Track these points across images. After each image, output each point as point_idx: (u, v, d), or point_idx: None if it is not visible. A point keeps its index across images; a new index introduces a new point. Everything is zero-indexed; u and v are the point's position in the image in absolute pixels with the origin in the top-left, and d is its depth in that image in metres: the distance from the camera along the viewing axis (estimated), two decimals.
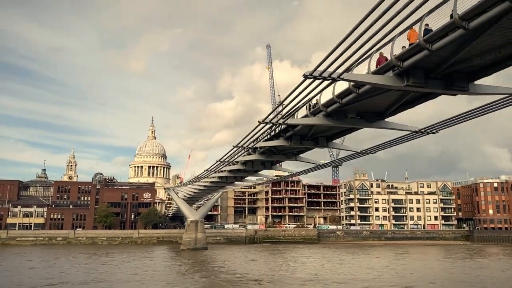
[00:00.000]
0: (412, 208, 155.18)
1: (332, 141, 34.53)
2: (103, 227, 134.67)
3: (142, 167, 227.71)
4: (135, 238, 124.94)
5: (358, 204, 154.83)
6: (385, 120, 26.38)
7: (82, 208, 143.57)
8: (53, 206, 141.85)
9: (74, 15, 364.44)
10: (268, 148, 37.71)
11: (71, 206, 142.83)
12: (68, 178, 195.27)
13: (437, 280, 51.31)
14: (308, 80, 20.28)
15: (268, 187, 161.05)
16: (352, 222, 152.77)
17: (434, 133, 27.29)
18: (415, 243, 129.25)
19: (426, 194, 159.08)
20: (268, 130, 33.12)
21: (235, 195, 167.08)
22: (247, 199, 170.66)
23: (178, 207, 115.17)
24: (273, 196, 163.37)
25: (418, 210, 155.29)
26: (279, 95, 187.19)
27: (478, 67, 18.33)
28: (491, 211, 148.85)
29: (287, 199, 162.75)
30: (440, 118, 25.30)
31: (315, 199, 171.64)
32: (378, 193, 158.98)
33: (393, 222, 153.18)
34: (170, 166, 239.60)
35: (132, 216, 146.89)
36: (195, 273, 57.06)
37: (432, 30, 15.40)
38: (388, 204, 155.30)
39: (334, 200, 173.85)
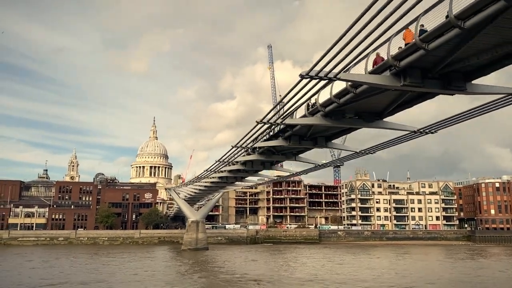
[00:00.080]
0: (414, 208, 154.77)
1: (331, 141, 34.42)
2: (105, 227, 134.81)
3: (143, 167, 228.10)
4: (136, 238, 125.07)
5: (360, 204, 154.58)
6: (383, 120, 26.32)
7: (84, 208, 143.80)
8: (54, 206, 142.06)
9: (75, 15, 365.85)
10: (267, 148, 37.65)
11: (72, 207, 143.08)
12: (70, 179, 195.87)
13: (436, 280, 51.22)
14: (305, 80, 20.25)
15: (269, 187, 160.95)
16: (354, 222, 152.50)
17: (432, 133, 27.23)
18: (416, 243, 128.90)
19: (427, 194, 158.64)
20: (268, 130, 33.05)
21: (236, 195, 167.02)
22: (248, 199, 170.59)
23: (179, 207, 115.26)
24: (274, 196, 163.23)
25: (420, 210, 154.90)
26: (280, 95, 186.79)
27: (475, 67, 18.26)
28: (492, 211, 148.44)
29: (288, 199, 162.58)
30: (442, 118, 25.10)
31: (316, 199, 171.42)
32: (380, 193, 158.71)
33: (394, 222, 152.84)
34: (172, 167, 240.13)
35: (134, 216, 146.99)
36: (194, 273, 57.07)
37: (427, 31, 15.36)
38: (389, 204, 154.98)
39: (335, 200, 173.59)
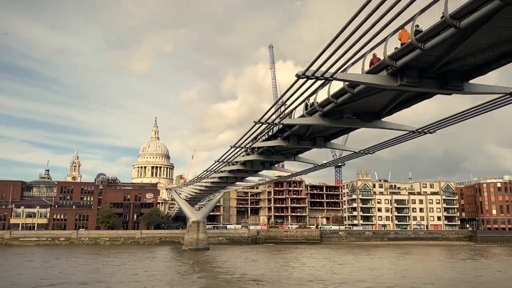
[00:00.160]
0: (415, 208, 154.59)
1: (330, 141, 34.36)
2: (106, 227, 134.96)
3: (145, 167, 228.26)
4: (137, 238, 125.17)
5: (361, 205, 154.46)
6: (381, 120, 26.23)
7: (85, 208, 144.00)
8: (56, 206, 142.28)
9: (77, 16, 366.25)
10: (266, 148, 37.59)
11: (74, 207, 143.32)
12: (72, 179, 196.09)
13: (436, 281, 51.06)
14: (302, 80, 20.23)
15: (270, 187, 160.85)
16: (355, 222, 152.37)
17: (431, 133, 27.13)
18: (418, 244, 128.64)
19: (429, 194, 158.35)
20: (266, 130, 33.01)
21: (237, 196, 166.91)
22: (249, 200, 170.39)
23: (180, 208, 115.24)
24: (275, 196, 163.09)
25: (421, 210, 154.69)
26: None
27: (472, 66, 18.19)
28: (494, 212, 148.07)
29: (289, 199, 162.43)
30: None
31: (317, 200, 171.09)
32: (381, 193, 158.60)
33: (396, 222, 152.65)
34: (174, 167, 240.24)
35: (135, 216, 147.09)
36: (194, 273, 57.08)
37: (422, 31, 15.33)
38: (391, 205, 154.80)
39: (337, 200, 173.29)
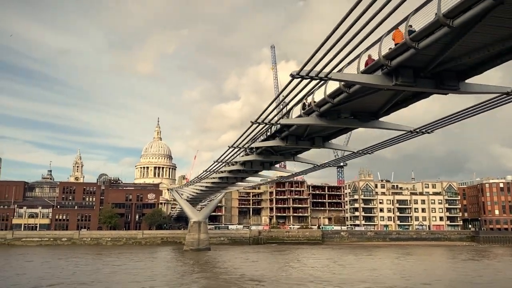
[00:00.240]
0: (417, 208, 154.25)
1: (329, 141, 34.33)
2: (108, 227, 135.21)
3: (147, 168, 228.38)
4: (139, 238, 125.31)
5: (363, 205, 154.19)
6: (379, 120, 26.20)
7: (87, 209, 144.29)
8: (58, 207, 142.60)
9: (78, 16, 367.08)
10: (265, 149, 37.59)
11: (76, 207, 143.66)
12: (75, 179, 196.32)
13: (435, 281, 50.86)
14: (297, 80, 20.21)
15: (272, 187, 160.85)
16: (357, 222, 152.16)
17: (429, 133, 27.10)
18: (420, 244, 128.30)
19: (431, 194, 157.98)
20: (265, 130, 32.99)
21: (239, 196, 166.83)
22: (251, 200, 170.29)
23: (182, 208, 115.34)
24: (277, 196, 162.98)
25: (423, 210, 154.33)
26: (283, 96, 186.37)
27: (468, 66, 18.15)
28: (497, 212, 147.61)
29: (291, 199, 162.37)
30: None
31: (319, 200, 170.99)
32: (383, 193, 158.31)
33: (398, 222, 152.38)
34: (176, 167, 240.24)
35: (137, 217, 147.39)
36: (194, 273, 57.13)
37: (416, 31, 15.30)
38: (393, 205, 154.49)
39: (339, 200, 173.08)
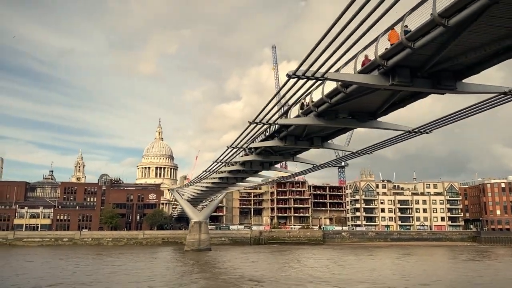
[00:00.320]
0: (419, 209, 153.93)
1: (328, 141, 34.29)
2: (109, 228, 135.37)
3: (149, 168, 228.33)
4: (140, 239, 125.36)
5: (364, 205, 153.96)
6: (377, 120, 26.17)
7: (88, 209, 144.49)
8: (59, 207, 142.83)
9: (81, 17, 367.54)
10: (264, 149, 37.56)
11: (77, 207, 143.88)
12: (76, 180, 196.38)
13: (435, 282, 50.71)
14: (294, 80, 20.17)
15: (273, 188, 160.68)
16: (358, 223, 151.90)
17: (427, 133, 27.05)
18: (421, 244, 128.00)
19: (432, 194, 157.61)
20: (264, 130, 32.96)
21: (240, 196, 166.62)
22: (252, 200, 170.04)
23: (183, 208, 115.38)
24: (278, 197, 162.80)
25: (425, 211, 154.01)
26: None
27: (464, 65, 18.09)
28: (498, 212, 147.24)
29: (292, 200, 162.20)
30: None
31: (321, 200, 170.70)
32: (384, 193, 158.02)
33: (399, 223, 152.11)
34: (177, 167, 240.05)
35: (138, 217, 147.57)
36: (194, 273, 57.14)
37: (411, 31, 15.27)
38: (394, 205, 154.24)
39: (340, 201, 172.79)
